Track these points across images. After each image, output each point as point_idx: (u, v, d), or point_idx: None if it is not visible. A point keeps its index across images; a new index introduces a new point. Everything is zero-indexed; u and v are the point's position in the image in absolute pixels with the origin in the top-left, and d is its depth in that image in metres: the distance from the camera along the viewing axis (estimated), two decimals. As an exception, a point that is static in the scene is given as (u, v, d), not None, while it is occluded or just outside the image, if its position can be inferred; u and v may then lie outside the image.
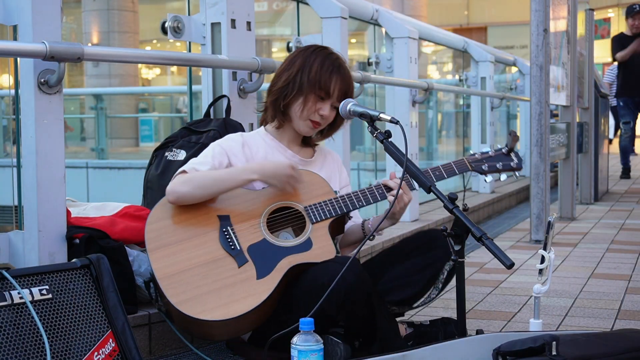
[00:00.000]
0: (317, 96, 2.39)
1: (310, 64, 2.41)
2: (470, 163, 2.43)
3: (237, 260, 2.20)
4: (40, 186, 2.33)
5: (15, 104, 2.46)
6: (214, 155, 2.38)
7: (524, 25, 11.22)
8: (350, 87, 2.45)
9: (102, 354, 1.94)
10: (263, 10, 19.51)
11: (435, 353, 2.04)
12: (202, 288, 2.15)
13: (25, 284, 1.90)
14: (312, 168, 2.49)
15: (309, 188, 2.37)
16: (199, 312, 2.11)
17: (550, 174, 4.95)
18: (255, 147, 2.46)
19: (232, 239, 2.24)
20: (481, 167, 2.42)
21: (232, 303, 2.13)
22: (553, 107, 6.49)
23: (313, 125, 2.44)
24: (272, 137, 2.51)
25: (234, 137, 2.48)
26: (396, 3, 18.78)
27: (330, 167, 2.58)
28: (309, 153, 2.57)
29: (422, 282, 2.44)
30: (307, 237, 2.28)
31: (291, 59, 2.47)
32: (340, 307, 2.14)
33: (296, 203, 2.34)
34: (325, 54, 2.44)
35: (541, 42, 4.77)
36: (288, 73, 2.43)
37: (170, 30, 2.99)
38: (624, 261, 4.05)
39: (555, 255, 2.31)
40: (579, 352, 1.92)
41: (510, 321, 2.89)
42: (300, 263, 2.21)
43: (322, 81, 2.38)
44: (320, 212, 2.32)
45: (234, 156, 2.41)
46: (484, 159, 2.44)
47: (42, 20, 2.30)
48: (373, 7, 4.87)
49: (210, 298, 2.13)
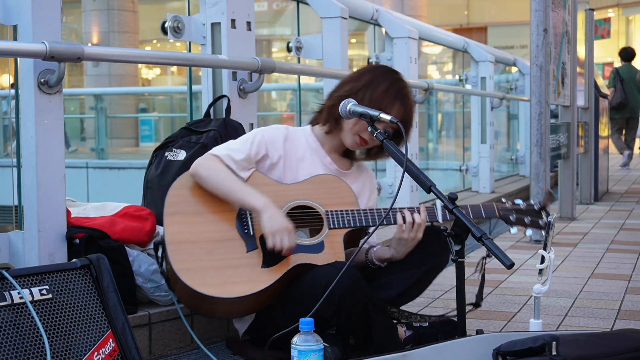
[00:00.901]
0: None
1: (377, 84, 2.40)
2: (498, 210, 2.42)
3: (247, 245, 2.24)
4: (40, 186, 2.33)
5: (15, 104, 2.46)
6: (252, 143, 2.38)
7: (524, 25, 11.22)
8: (409, 118, 2.43)
9: (102, 354, 1.94)
10: (263, 10, 19.51)
11: (435, 353, 2.04)
12: (206, 262, 2.19)
13: (25, 284, 1.90)
14: (345, 180, 2.47)
15: (335, 194, 2.37)
16: (196, 283, 2.15)
17: (550, 174, 4.95)
18: (297, 144, 2.46)
19: (248, 223, 2.28)
20: (509, 216, 2.42)
21: (230, 284, 2.17)
22: (553, 107, 6.49)
23: (360, 142, 2.43)
24: (315, 139, 2.50)
25: (279, 129, 2.47)
26: (396, 3, 18.77)
27: (363, 185, 2.56)
28: (347, 165, 2.55)
29: (418, 274, 2.45)
30: (321, 240, 2.30)
31: (360, 72, 2.47)
32: (335, 311, 2.14)
33: (319, 205, 2.34)
34: (394, 79, 2.43)
35: (541, 42, 4.77)
36: (353, 84, 2.42)
37: (170, 30, 2.99)
38: (624, 261, 4.05)
39: (555, 255, 2.31)
40: (579, 352, 1.92)
41: (510, 321, 2.89)
42: (306, 263, 2.22)
43: (383, 104, 2.36)
44: (339, 220, 2.32)
45: (273, 149, 2.41)
46: (513, 210, 2.42)
47: (42, 20, 2.30)
48: (373, 7, 4.87)
49: (211, 273, 2.18)
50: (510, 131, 9.51)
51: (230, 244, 2.24)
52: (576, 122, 6.09)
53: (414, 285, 2.47)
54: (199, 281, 2.16)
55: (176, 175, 2.74)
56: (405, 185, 4.68)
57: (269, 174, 2.40)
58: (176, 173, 2.76)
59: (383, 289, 2.43)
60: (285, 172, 2.41)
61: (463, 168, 7.09)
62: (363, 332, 2.25)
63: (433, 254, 2.41)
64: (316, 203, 2.35)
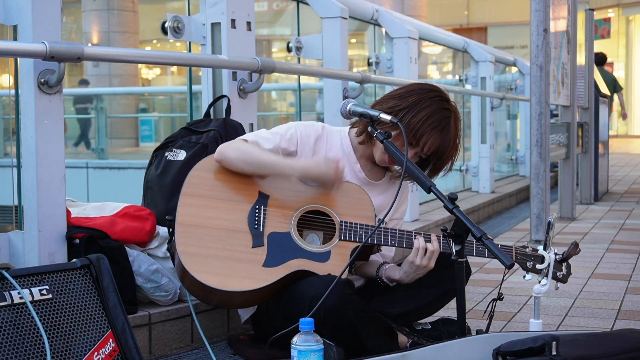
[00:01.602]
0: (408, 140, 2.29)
1: (420, 108, 2.32)
2: (517, 254, 2.34)
3: (254, 240, 2.23)
4: (40, 186, 2.33)
5: (16, 104, 2.46)
6: (283, 137, 2.35)
7: (524, 25, 11.22)
8: (446, 149, 2.34)
9: (102, 354, 1.94)
10: (263, 10, 19.51)
11: (435, 353, 2.04)
12: (211, 250, 2.20)
13: (25, 284, 1.90)
14: (372, 191, 2.43)
15: (354, 205, 2.33)
16: (195, 270, 2.16)
17: (550, 174, 4.95)
18: (330, 145, 2.43)
19: (259, 219, 2.27)
20: (526, 263, 2.33)
21: (230, 277, 2.17)
22: (553, 107, 6.49)
23: (389, 161, 2.38)
24: (349, 144, 2.45)
25: (314, 126, 2.43)
26: (396, 3, 18.77)
27: (392, 197, 2.48)
28: (378, 175, 2.50)
29: (429, 298, 2.43)
30: (329, 249, 2.27)
31: (407, 90, 2.39)
32: (321, 325, 2.12)
33: (335, 214, 2.31)
34: (440, 107, 2.33)
35: (541, 42, 4.77)
36: (397, 102, 2.36)
37: (170, 30, 2.99)
38: (624, 261, 4.05)
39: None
40: (579, 352, 1.92)
41: (510, 321, 2.89)
42: (307, 270, 2.22)
43: (420, 131, 2.30)
44: (352, 233, 2.29)
45: (302, 146, 2.38)
46: (532, 256, 2.34)
47: (42, 20, 2.30)
48: (373, 7, 4.87)
49: (213, 262, 2.18)
50: (510, 131, 9.51)
51: (238, 236, 2.23)
52: (576, 122, 6.09)
53: (424, 307, 2.46)
54: (199, 268, 2.17)
55: (176, 176, 2.74)
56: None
57: None
58: (176, 173, 2.76)
59: (390, 305, 2.41)
60: None
61: (463, 168, 7.09)
62: (352, 345, 2.22)
63: (449, 279, 2.32)
64: (333, 211, 2.31)
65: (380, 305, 2.41)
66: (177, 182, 2.68)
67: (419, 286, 2.39)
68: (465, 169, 7.06)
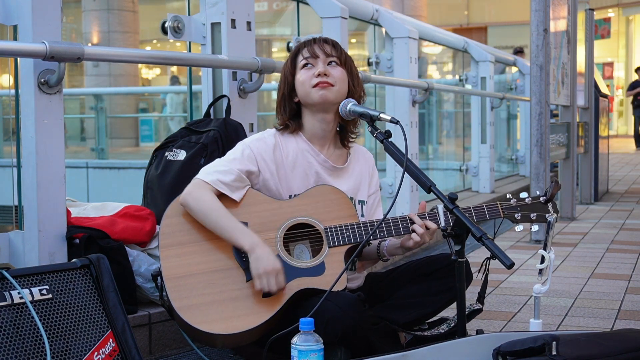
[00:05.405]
0: (305, 65, 2.34)
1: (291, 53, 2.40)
2: (503, 210, 2.38)
3: (247, 274, 2.16)
4: (40, 186, 2.33)
5: (16, 104, 2.46)
6: (241, 161, 2.28)
7: (524, 25, 11.21)
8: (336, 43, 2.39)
9: (102, 354, 1.94)
10: (263, 10, 19.50)
11: (435, 353, 2.04)
12: (207, 297, 2.12)
13: (25, 284, 1.90)
14: (343, 176, 2.41)
15: (333, 207, 2.29)
16: (199, 321, 2.09)
17: (550, 174, 4.95)
18: (287, 150, 2.37)
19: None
20: (514, 215, 2.37)
21: (234, 318, 2.11)
22: (553, 107, 6.49)
23: (320, 86, 2.32)
24: (304, 140, 2.40)
25: (266, 139, 2.36)
26: (396, 3, 18.77)
27: (362, 173, 2.48)
28: (342, 159, 2.46)
29: (434, 306, 2.43)
30: (321, 260, 2.22)
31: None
32: (337, 341, 2.12)
33: (317, 222, 2.26)
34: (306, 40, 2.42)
35: (541, 42, 4.77)
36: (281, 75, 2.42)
37: (170, 30, 2.99)
38: (624, 261, 4.05)
39: (555, 255, 2.31)
40: (579, 352, 1.92)
41: (510, 321, 2.89)
42: (308, 288, 2.18)
43: (301, 51, 2.36)
44: (339, 237, 2.25)
45: (263, 163, 2.31)
46: (518, 207, 2.37)
47: (42, 20, 2.30)
48: (373, 7, 4.87)
49: (213, 309, 2.11)
50: (510, 131, 9.51)
51: (229, 273, 2.16)
52: (576, 122, 6.09)
53: (430, 315, 2.46)
54: (202, 319, 2.10)
55: (176, 175, 2.74)
56: (405, 185, 4.69)
57: (266, 186, 2.32)
58: (176, 173, 2.76)
59: (395, 312, 2.40)
60: (281, 183, 2.33)
61: (463, 168, 7.09)
62: (364, 350, 2.23)
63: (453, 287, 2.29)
64: (314, 219, 2.26)
65: (386, 312, 2.40)
66: (177, 182, 2.68)
67: (424, 294, 2.39)
68: (466, 168, 7.06)
